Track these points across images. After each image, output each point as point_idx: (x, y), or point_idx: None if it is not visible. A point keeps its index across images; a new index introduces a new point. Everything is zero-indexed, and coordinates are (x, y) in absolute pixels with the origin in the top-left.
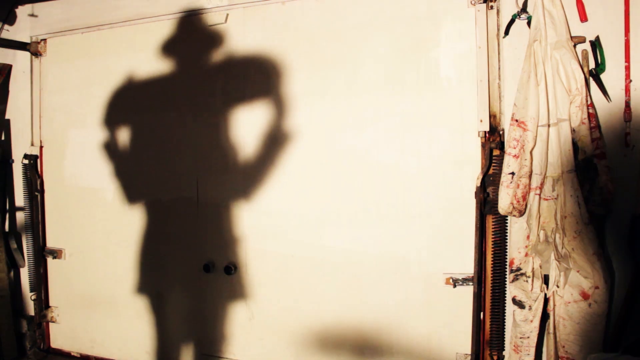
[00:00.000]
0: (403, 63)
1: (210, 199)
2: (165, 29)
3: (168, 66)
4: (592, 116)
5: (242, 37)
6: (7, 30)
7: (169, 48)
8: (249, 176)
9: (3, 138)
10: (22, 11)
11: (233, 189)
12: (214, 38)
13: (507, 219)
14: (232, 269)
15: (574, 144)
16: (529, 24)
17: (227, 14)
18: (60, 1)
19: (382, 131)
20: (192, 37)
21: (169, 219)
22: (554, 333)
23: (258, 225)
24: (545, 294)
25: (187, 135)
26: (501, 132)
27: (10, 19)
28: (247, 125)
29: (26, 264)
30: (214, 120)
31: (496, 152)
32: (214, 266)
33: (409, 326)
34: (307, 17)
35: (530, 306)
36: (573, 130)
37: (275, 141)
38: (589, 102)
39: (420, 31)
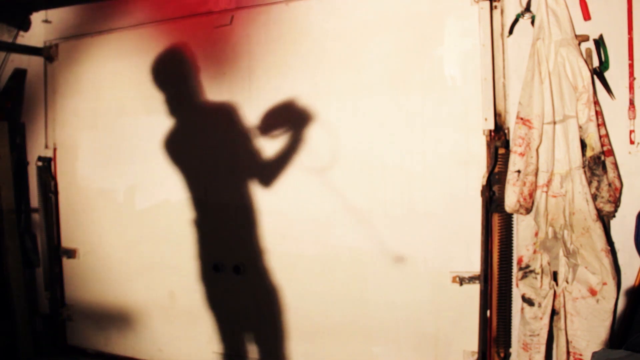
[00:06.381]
0: (407, 62)
1: (219, 199)
2: (172, 32)
3: (175, 68)
4: (599, 114)
5: (247, 38)
6: (22, 36)
7: (177, 50)
8: (257, 178)
9: (18, 141)
10: (36, 18)
11: (241, 190)
12: (219, 39)
13: (513, 217)
14: (240, 268)
15: (581, 140)
16: (532, 23)
17: (232, 16)
18: (72, 7)
19: (387, 131)
20: (198, 39)
21: (179, 219)
22: (565, 329)
23: (266, 225)
24: (555, 291)
25: (195, 137)
26: (506, 131)
27: (25, 26)
28: (252, 127)
29: (41, 263)
30: (221, 121)
31: (501, 151)
32: (223, 266)
33: (416, 324)
34: (310, 17)
35: (539, 303)
36: (580, 127)
37: (281, 143)
38: (595, 100)
39: (424, 30)
